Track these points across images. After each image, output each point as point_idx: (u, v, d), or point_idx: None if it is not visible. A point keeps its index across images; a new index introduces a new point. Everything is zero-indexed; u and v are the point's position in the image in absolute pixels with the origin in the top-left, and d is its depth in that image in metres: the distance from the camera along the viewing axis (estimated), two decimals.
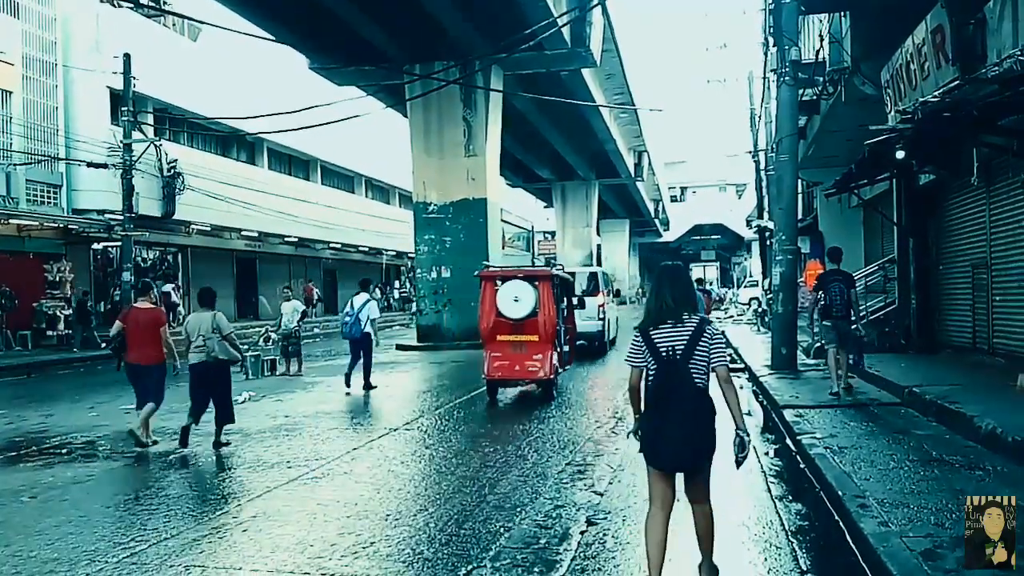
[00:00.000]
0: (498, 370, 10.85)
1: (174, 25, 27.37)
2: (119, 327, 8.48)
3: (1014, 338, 10.28)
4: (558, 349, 11.42)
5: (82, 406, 11.46)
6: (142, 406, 8.23)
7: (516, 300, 10.83)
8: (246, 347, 18.15)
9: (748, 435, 3.86)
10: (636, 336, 3.94)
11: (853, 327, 9.72)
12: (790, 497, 5.92)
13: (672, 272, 3.97)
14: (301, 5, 19.15)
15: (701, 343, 3.77)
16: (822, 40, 13.82)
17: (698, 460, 3.85)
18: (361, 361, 12.28)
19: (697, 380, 3.76)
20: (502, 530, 5.12)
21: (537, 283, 11.01)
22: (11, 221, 20.35)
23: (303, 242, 34.85)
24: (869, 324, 14.52)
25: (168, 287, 26.61)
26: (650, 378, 3.86)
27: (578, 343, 14.65)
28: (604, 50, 25.26)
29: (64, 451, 8.14)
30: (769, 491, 6.06)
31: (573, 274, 15.39)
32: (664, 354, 3.78)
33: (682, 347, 3.76)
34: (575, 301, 14.16)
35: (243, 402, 11.30)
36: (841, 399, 9.38)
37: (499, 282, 11.03)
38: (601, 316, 16.96)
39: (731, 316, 33.96)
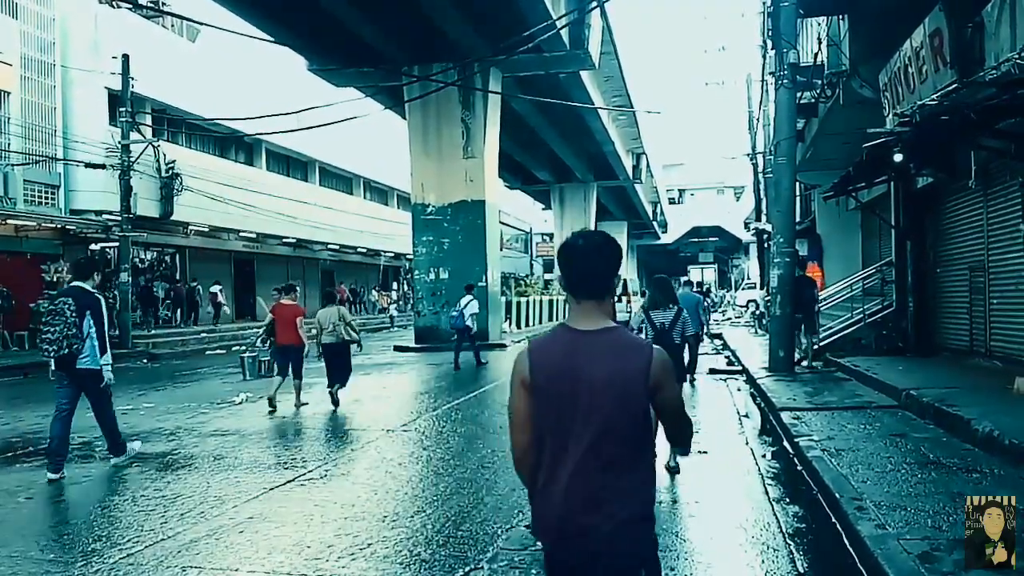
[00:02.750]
0: None
1: (172, 26, 27.36)
2: (271, 318, 11.10)
3: (1011, 341, 10.30)
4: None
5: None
6: (284, 375, 10.82)
7: None
8: (243, 348, 18.24)
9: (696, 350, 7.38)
10: (641, 315, 6.81)
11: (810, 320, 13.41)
12: (787, 499, 5.92)
13: (661, 281, 6.90)
14: (300, 6, 19.15)
15: (678, 321, 6.64)
16: (820, 43, 13.85)
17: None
18: (465, 345, 16.02)
19: (676, 340, 6.58)
20: (499, 532, 5.11)
21: None
22: (9, 222, 20.33)
23: (301, 243, 34.83)
24: (867, 327, 14.58)
25: (215, 288, 29.11)
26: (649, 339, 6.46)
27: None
28: (603, 52, 25.28)
29: None
30: (767, 493, 6.06)
31: None
32: (659, 326, 6.61)
33: (668, 322, 6.62)
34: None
35: (240, 403, 11.30)
36: (805, 367, 12.91)
37: None
38: (627, 310, 22.71)
39: (729, 319, 33.96)
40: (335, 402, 10.66)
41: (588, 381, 2.22)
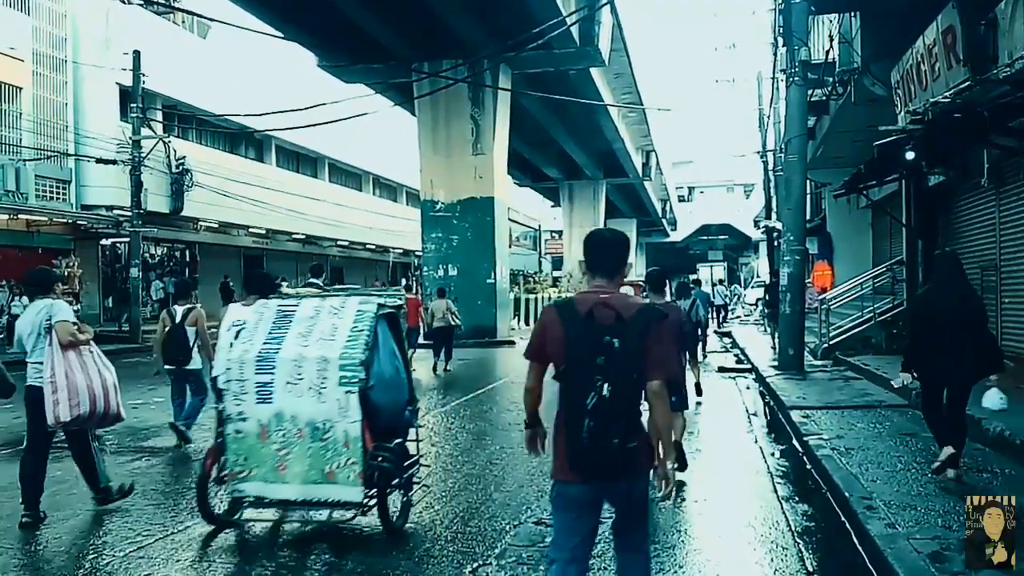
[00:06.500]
0: None
1: (183, 22, 27.44)
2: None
3: (1023, 340, 10.23)
4: None
5: None
6: (416, 348, 14.22)
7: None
8: None
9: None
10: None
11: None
12: (797, 498, 5.91)
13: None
14: (309, 3, 19.18)
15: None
16: (832, 40, 13.77)
17: None
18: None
19: None
20: (508, 528, 5.12)
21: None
22: (20, 216, 20.43)
23: (310, 239, 34.89)
24: (877, 325, 14.51)
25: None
26: None
27: None
28: (613, 49, 25.20)
29: None
30: (776, 492, 6.05)
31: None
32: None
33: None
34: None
35: None
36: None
37: None
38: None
39: (738, 316, 33.87)
40: (442, 371, 14.33)
41: None
